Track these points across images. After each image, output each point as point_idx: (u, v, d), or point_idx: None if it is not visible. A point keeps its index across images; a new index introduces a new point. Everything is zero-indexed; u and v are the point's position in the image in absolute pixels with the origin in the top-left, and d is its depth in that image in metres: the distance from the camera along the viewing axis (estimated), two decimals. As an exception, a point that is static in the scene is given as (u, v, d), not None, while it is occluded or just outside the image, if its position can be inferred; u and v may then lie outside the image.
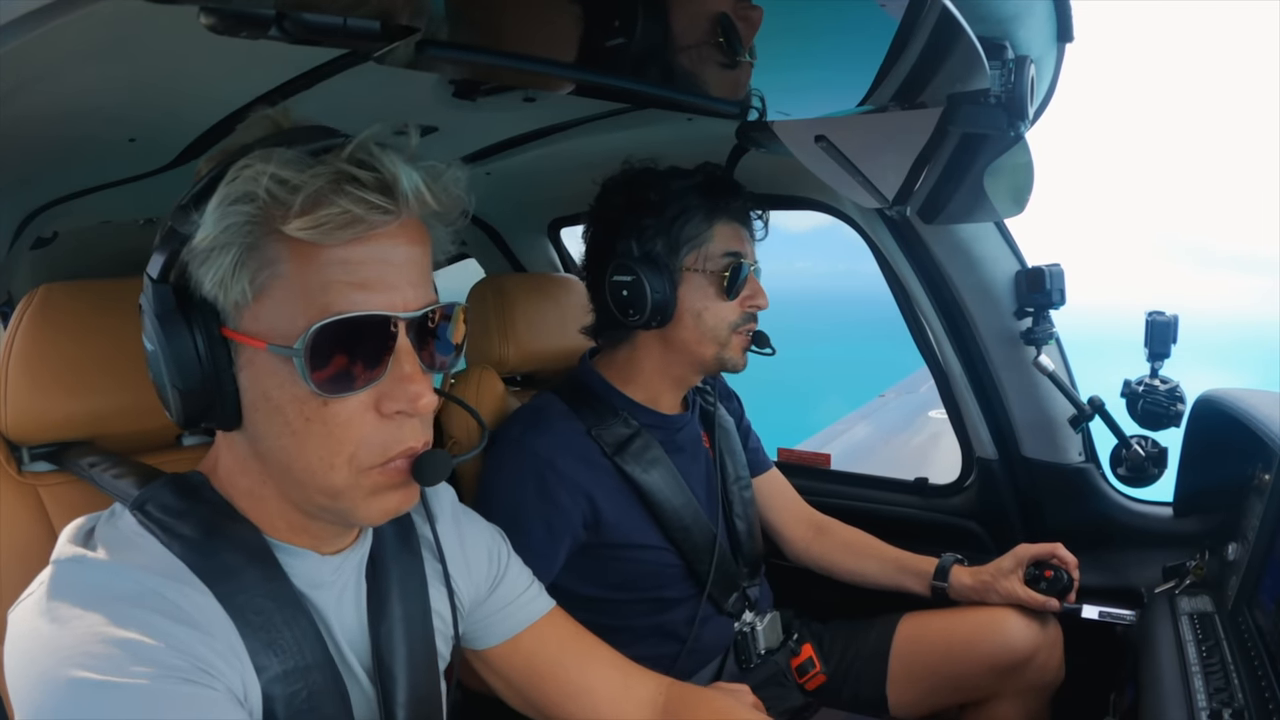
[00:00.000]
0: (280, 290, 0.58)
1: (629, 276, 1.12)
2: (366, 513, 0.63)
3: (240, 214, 0.56)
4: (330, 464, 0.60)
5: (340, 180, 0.55)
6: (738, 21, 0.66)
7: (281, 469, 0.62)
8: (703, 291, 1.15)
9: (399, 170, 0.57)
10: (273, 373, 0.59)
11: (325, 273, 0.57)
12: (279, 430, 0.60)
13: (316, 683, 0.65)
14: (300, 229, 0.55)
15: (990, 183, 1.02)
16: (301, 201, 0.55)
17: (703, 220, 1.14)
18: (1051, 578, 1.24)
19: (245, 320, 0.59)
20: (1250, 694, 0.85)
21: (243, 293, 0.58)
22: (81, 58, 0.70)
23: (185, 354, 0.58)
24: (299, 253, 0.57)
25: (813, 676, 1.32)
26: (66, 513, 0.70)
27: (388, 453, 0.61)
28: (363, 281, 0.58)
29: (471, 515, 0.89)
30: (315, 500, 0.63)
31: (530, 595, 0.90)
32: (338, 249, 0.57)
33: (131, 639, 0.54)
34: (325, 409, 0.59)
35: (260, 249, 0.57)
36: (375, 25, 0.52)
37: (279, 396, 0.59)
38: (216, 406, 0.60)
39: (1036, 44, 0.83)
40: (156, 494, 0.64)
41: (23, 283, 1.76)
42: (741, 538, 1.30)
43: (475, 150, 1.38)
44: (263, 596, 0.63)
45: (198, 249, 0.57)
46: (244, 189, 0.56)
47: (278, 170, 0.55)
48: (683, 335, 1.17)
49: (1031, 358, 1.37)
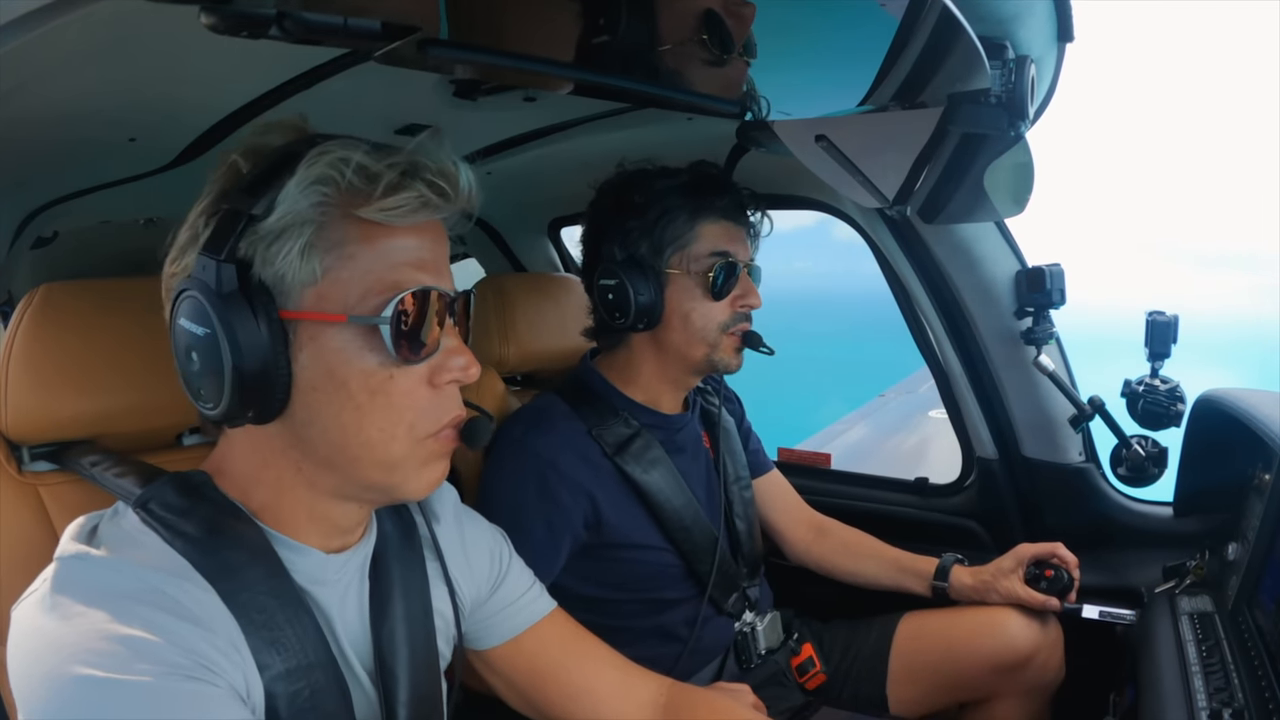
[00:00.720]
0: (347, 270, 0.61)
1: (613, 280, 1.13)
2: (416, 484, 0.67)
3: (319, 194, 0.60)
4: (392, 434, 0.63)
5: (414, 170, 0.61)
6: (737, 21, 0.66)
7: (335, 448, 0.63)
8: (689, 293, 1.14)
9: (459, 166, 0.63)
10: (340, 348, 0.61)
11: (390, 254, 0.62)
12: (340, 407, 0.62)
13: (318, 681, 0.65)
14: (379, 210, 0.60)
15: (990, 183, 1.02)
16: (383, 187, 0.59)
17: (686, 220, 1.13)
18: (1052, 577, 1.24)
19: (309, 300, 0.61)
20: (1250, 694, 0.85)
21: (312, 272, 0.60)
22: (81, 58, 0.70)
23: (249, 334, 0.59)
24: (367, 235, 0.61)
25: (813, 676, 1.32)
26: (67, 512, 0.70)
27: (440, 421, 0.65)
28: (421, 263, 0.64)
29: (474, 516, 0.89)
30: (367, 477, 0.65)
31: (532, 596, 0.90)
32: (401, 235, 0.62)
33: (135, 636, 0.54)
34: (390, 381, 0.62)
35: (330, 230, 0.60)
36: (375, 25, 0.52)
37: (345, 372, 0.62)
38: (270, 389, 0.60)
39: (1037, 44, 0.83)
40: (159, 492, 0.64)
41: (23, 283, 1.76)
42: (741, 538, 1.30)
43: (475, 150, 1.38)
44: (265, 594, 0.63)
45: (267, 229, 0.59)
46: (326, 172, 0.60)
47: (361, 158, 0.60)
48: (672, 337, 1.16)
49: (1031, 357, 1.37)
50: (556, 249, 2.13)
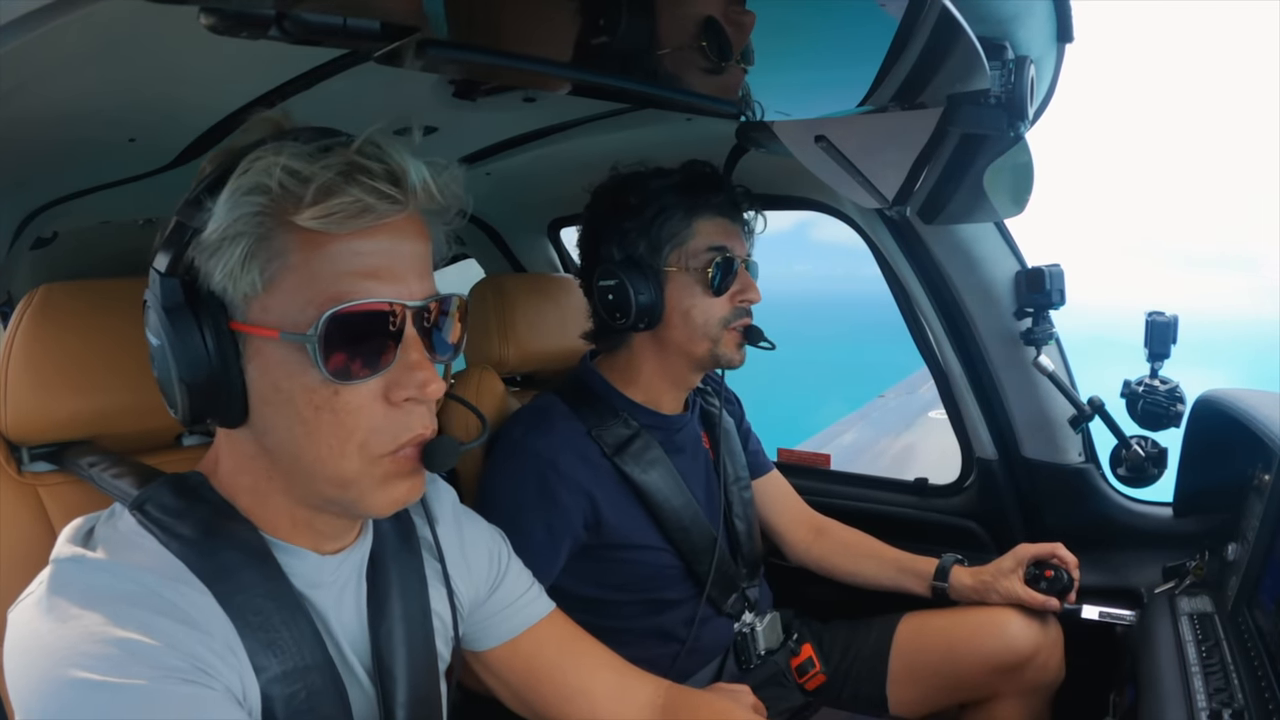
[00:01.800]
0: (290, 281, 0.59)
1: (613, 280, 1.13)
2: (375, 502, 0.64)
3: (252, 204, 0.57)
4: (341, 452, 0.61)
5: (351, 171, 0.57)
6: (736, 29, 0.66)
7: (290, 461, 0.62)
8: (689, 290, 1.14)
9: (407, 163, 0.58)
10: (282, 362, 0.59)
11: (335, 263, 0.58)
12: (289, 421, 0.60)
13: (315, 683, 0.65)
14: (312, 218, 0.56)
15: (990, 183, 1.02)
16: (314, 192, 0.56)
17: (682, 218, 1.13)
18: (1052, 577, 1.24)
19: (254, 312, 0.59)
20: (1250, 694, 0.85)
21: (252, 284, 0.58)
22: (81, 58, 0.70)
23: (193, 347, 0.58)
24: (309, 243, 0.58)
25: (813, 676, 1.32)
26: (66, 513, 0.70)
27: (398, 440, 0.62)
28: (372, 271, 0.59)
29: (473, 516, 0.89)
30: (324, 492, 0.63)
31: (530, 597, 0.90)
32: (346, 240, 0.58)
33: (131, 639, 0.54)
34: (336, 398, 0.60)
35: (270, 240, 0.58)
36: (375, 25, 0.52)
37: (289, 386, 0.60)
38: (223, 401, 0.60)
39: (1036, 44, 0.83)
40: (155, 494, 0.64)
41: (23, 283, 1.76)
42: (741, 538, 1.30)
43: (475, 150, 1.38)
44: (261, 597, 0.63)
45: (207, 241, 0.58)
46: (256, 180, 0.57)
47: (289, 162, 0.56)
48: (674, 335, 1.16)
49: (1031, 358, 1.37)
50: (556, 249, 2.12)
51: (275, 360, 0.60)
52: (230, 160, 0.59)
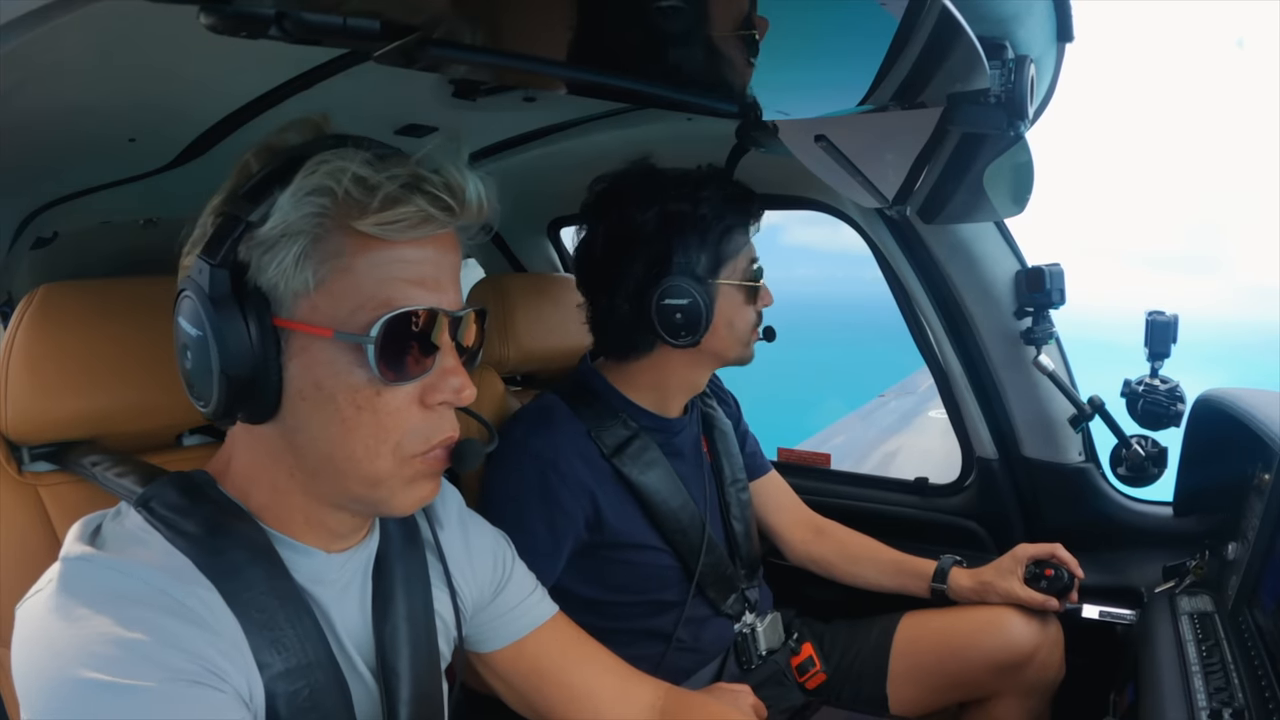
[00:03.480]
0: (340, 282, 0.60)
1: (684, 299, 1.11)
2: (402, 501, 0.66)
3: (315, 205, 0.58)
4: (376, 452, 0.62)
5: (415, 183, 0.59)
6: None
7: (322, 458, 0.63)
8: (735, 301, 1.16)
9: (466, 178, 0.60)
10: (328, 362, 0.61)
11: (387, 269, 0.60)
12: (327, 419, 0.61)
13: (319, 681, 0.65)
14: (375, 225, 0.58)
15: (990, 183, 1.02)
16: (380, 200, 0.57)
17: (740, 233, 1.16)
18: (1052, 577, 1.24)
19: (302, 310, 0.60)
20: (1250, 694, 0.85)
21: (305, 283, 0.59)
22: (81, 58, 0.70)
23: (238, 340, 0.59)
24: (363, 247, 0.60)
25: (813, 675, 1.32)
26: (67, 513, 0.70)
27: (429, 441, 0.65)
28: (419, 279, 0.62)
29: (478, 520, 0.89)
30: (352, 490, 0.64)
31: (534, 600, 0.90)
32: (399, 248, 0.60)
33: (139, 640, 0.54)
34: (378, 398, 0.61)
35: (326, 241, 0.59)
36: (375, 25, 0.52)
37: (332, 385, 0.61)
38: (260, 395, 0.60)
39: (1036, 44, 0.83)
40: (161, 491, 0.64)
41: (23, 283, 1.76)
42: (739, 540, 1.30)
43: (475, 150, 1.38)
44: (266, 594, 0.63)
45: (263, 236, 0.59)
46: (323, 183, 0.58)
47: (359, 169, 0.58)
48: (714, 344, 1.17)
49: (1031, 357, 1.37)
50: (556, 249, 2.12)
51: (322, 359, 0.61)
52: (286, 160, 0.60)
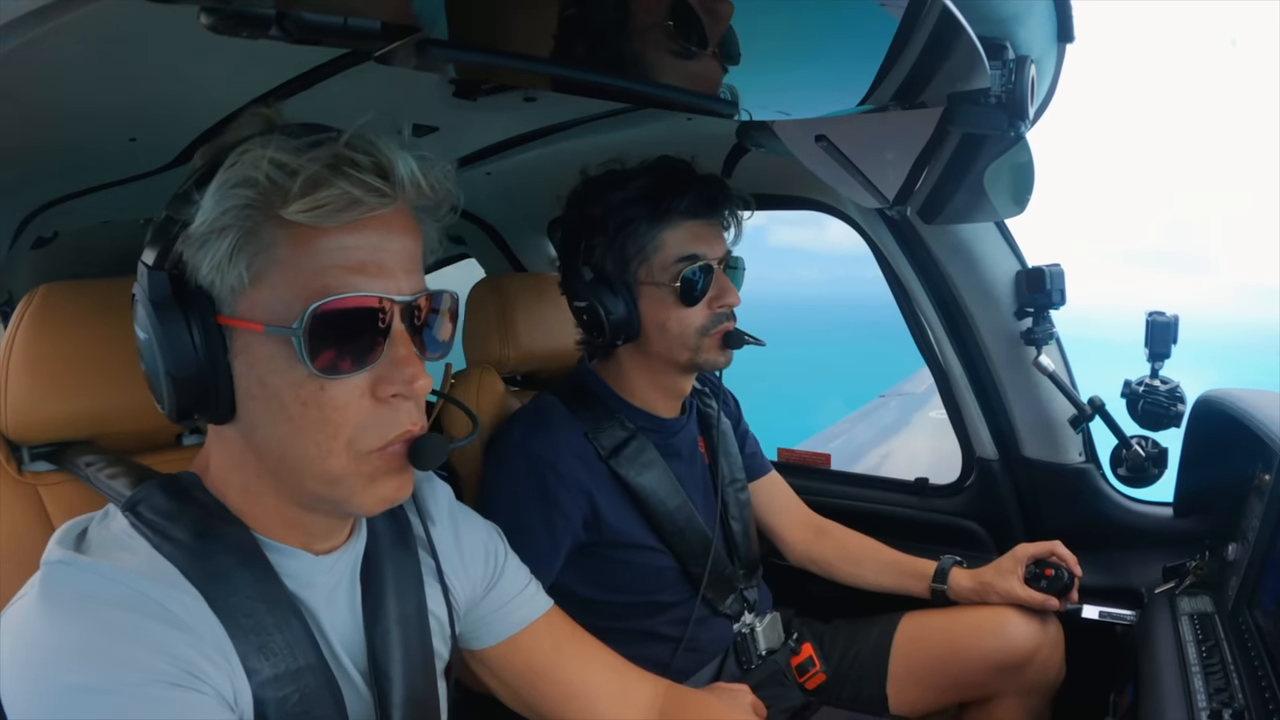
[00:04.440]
0: (277, 275, 0.58)
1: (584, 302, 1.12)
2: (364, 500, 0.63)
3: (239, 198, 0.57)
4: (328, 449, 0.60)
5: (338, 164, 0.56)
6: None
7: (277, 458, 0.62)
8: (661, 303, 1.12)
9: (395, 156, 0.58)
10: (269, 358, 0.59)
11: (322, 257, 0.58)
12: (275, 417, 0.60)
13: (309, 686, 0.64)
14: (299, 211, 0.56)
15: (990, 183, 1.02)
16: (300, 185, 0.56)
17: (647, 230, 1.10)
18: (1052, 577, 1.24)
19: (241, 306, 0.59)
20: (1250, 694, 0.85)
21: (239, 277, 0.58)
22: (81, 58, 0.70)
23: (180, 341, 0.58)
24: (296, 237, 0.58)
25: (813, 675, 1.32)
26: (67, 513, 0.70)
27: (385, 436, 0.62)
28: (359, 265, 0.59)
29: (469, 513, 0.88)
30: (312, 489, 0.63)
31: (528, 595, 0.89)
32: (334, 234, 0.58)
33: (121, 643, 0.54)
34: (322, 393, 0.59)
35: (257, 234, 0.58)
36: (375, 25, 0.52)
37: (275, 382, 0.59)
38: (210, 396, 0.60)
39: (1037, 44, 0.83)
40: (148, 495, 0.64)
41: (23, 283, 1.76)
42: (737, 540, 1.30)
43: (475, 150, 1.38)
44: (253, 599, 0.62)
45: (195, 234, 0.58)
46: (243, 173, 0.57)
47: (276, 154, 0.56)
48: (654, 347, 1.16)
49: (1031, 358, 1.37)
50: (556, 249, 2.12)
51: (262, 355, 0.59)
52: (219, 154, 0.59)
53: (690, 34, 0.66)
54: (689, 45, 0.68)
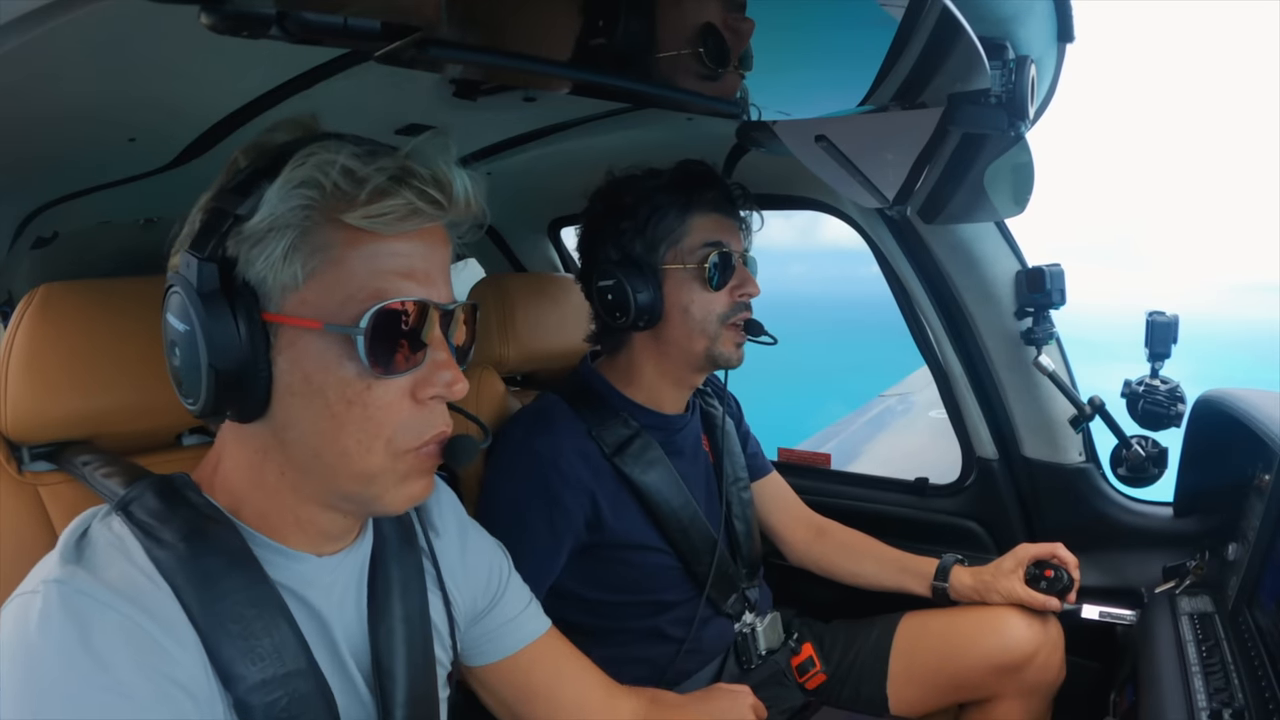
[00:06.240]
0: (330, 276, 0.60)
1: (611, 280, 1.13)
2: (394, 499, 0.65)
3: (303, 198, 0.58)
4: (368, 447, 0.62)
5: (403, 176, 0.59)
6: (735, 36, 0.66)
7: (312, 455, 0.63)
8: (687, 286, 1.15)
9: (454, 172, 0.61)
10: (318, 355, 0.60)
11: (377, 261, 0.60)
12: (317, 414, 0.61)
13: (298, 689, 0.64)
14: (363, 217, 0.58)
15: (990, 183, 1.02)
16: (368, 193, 0.58)
17: (677, 215, 1.14)
18: (1052, 577, 1.24)
19: (290, 304, 0.60)
20: (1250, 694, 0.85)
21: (293, 276, 0.59)
22: (81, 58, 0.70)
23: (227, 334, 0.58)
24: (352, 240, 0.60)
25: (813, 675, 1.32)
26: (66, 513, 0.70)
27: (422, 436, 0.64)
28: (409, 272, 0.62)
29: (478, 529, 0.89)
30: (344, 487, 0.64)
31: (529, 615, 0.90)
32: (388, 241, 0.61)
33: (107, 650, 0.54)
34: (368, 392, 0.61)
35: (314, 234, 0.59)
36: (375, 25, 0.52)
37: (322, 379, 0.60)
38: (249, 391, 0.60)
39: (1037, 44, 0.83)
40: (140, 495, 0.64)
41: (23, 283, 1.76)
42: (740, 539, 1.30)
43: (475, 150, 1.38)
44: (243, 604, 0.62)
45: (251, 230, 0.59)
46: (310, 175, 0.58)
47: (346, 161, 0.58)
48: (673, 333, 1.17)
49: (1032, 358, 1.37)
50: (556, 249, 2.12)
51: (311, 352, 0.60)
52: (274, 154, 0.60)
53: (690, 38, 0.66)
54: (689, 49, 0.68)
